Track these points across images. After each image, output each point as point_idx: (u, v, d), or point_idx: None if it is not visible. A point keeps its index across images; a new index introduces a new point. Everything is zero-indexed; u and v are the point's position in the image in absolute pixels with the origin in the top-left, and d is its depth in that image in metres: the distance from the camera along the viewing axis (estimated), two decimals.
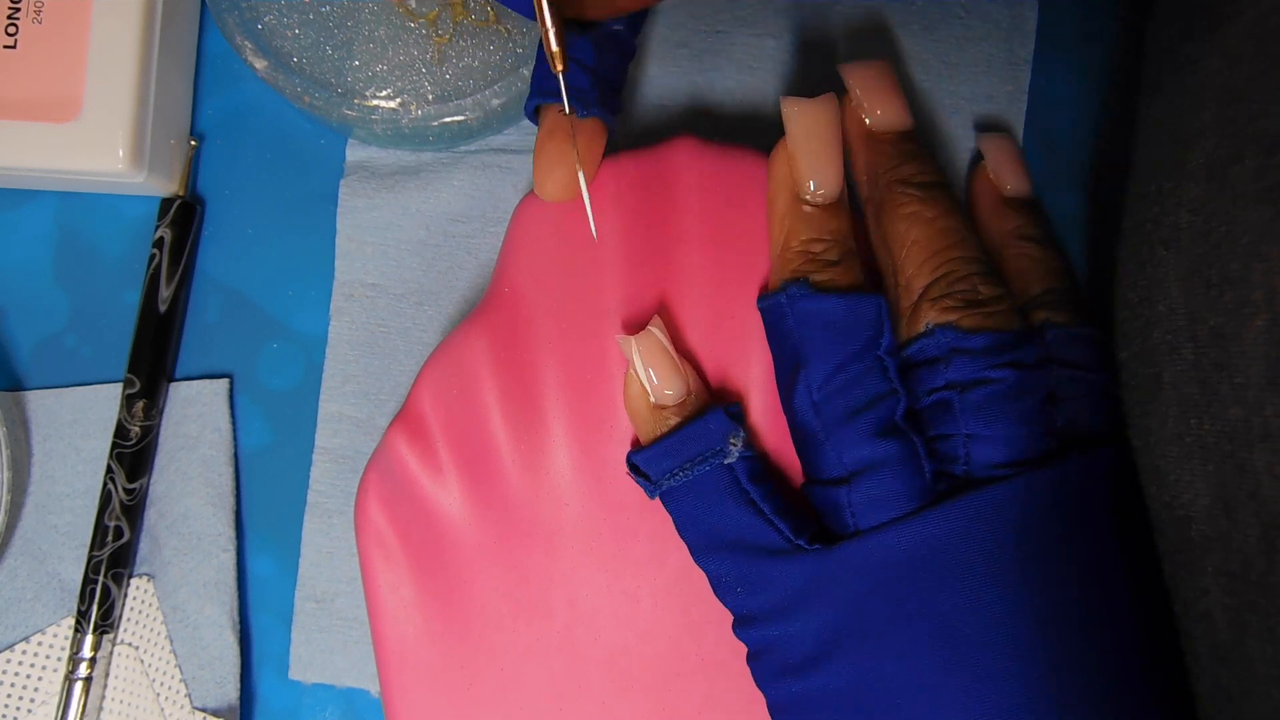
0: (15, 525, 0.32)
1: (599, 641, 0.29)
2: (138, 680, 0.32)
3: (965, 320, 0.26)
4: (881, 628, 0.25)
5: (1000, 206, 0.30)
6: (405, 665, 0.29)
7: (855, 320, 0.26)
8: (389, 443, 0.29)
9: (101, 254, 0.34)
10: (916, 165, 0.28)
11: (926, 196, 0.27)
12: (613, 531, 0.28)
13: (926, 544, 0.24)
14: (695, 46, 0.34)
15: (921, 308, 0.26)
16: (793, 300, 0.26)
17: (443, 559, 0.29)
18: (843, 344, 0.26)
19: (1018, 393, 0.25)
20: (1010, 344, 0.26)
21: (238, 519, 0.33)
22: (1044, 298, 0.28)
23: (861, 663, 0.25)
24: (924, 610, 0.24)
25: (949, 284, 0.26)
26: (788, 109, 0.28)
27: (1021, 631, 0.24)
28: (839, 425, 0.25)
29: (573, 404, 0.28)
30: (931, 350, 0.26)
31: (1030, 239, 0.29)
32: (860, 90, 0.29)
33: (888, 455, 0.25)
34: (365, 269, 0.33)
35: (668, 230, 0.29)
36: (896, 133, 0.29)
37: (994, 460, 0.25)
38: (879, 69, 0.29)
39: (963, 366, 0.25)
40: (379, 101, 0.32)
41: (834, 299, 0.26)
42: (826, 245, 0.27)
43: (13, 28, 0.31)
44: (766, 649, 0.26)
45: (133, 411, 0.32)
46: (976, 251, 0.27)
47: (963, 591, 0.24)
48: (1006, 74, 0.33)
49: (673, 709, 0.29)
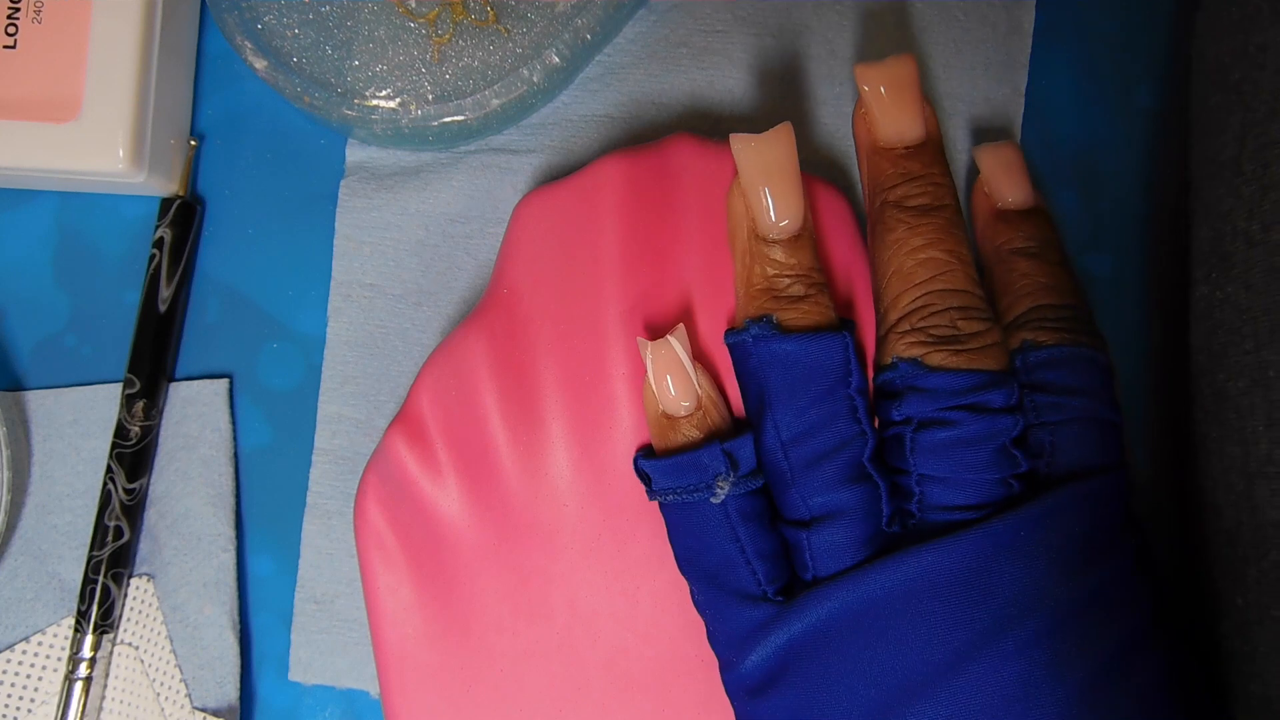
0: (15, 525, 0.32)
1: (598, 642, 0.29)
2: (138, 680, 0.32)
3: (931, 357, 0.25)
4: (820, 678, 0.25)
5: (994, 220, 0.29)
6: (405, 666, 0.29)
7: (820, 362, 0.25)
8: (388, 444, 0.29)
9: (101, 254, 0.34)
10: (914, 186, 0.26)
11: (917, 223, 0.26)
12: (612, 532, 0.28)
13: (865, 600, 0.24)
14: (695, 46, 0.34)
15: (889, 339, 0.26)
16: (756, 341, 0.26)
17: (442, 560, 0.29)
18: (809, 385, 0.25)
19: (973, 439, 0.25)
20: (977, 385, 0.25)
21: (238, 519, 0.33)
22: (1028, 316, 0.27)
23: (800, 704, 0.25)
24: (858, 662, 0.24)
25: (921, 318, 0.25)
26: (736, 147, 0.26)
27: (947, 693, 0.24)
28: (805, 469, 0.25)
29: (572, 405, 0.28)
30: (894, 384, 0.25)
31: (1022, 253, 0.28)
32: (870, 94, 0.27)
33: (849, 504, 0.25)
34: (363, 269, 0.33)
35: (667, 230, 0.29)
36: (903, 146, 0.27)
37: (945, 503, 0.25)
38: (895, 70, 0.27)
39: (917, 404, 0.25)
40: (379, 101, 0.32)
41: (797, 340, 0.25)
42: (791, 280, 0.26)
43: (13, 28, 0.31)
44: (727, 667, 0.26)
45: (133, 411, 0.32)
46: (963, 284, 0.25)
47: (897, 646, 0.24)
48: (1004, 75, 0.33)
49: (672, 709, 0.29)
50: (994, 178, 0.29)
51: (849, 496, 0.25)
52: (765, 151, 0.26)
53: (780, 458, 0.26)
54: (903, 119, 0.27)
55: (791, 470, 0.25)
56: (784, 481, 0.26)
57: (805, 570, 0.26)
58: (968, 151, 0.33)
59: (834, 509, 0.25)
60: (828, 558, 0.25)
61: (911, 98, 0.27)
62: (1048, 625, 0.24)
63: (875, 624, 0.24)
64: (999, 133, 0.33)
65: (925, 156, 0.27)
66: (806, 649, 0.25)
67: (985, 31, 0.33)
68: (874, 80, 0.27)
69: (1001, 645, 0.24)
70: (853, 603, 0.25)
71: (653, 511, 0.28)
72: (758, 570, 0.26)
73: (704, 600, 0.27)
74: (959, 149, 0.33)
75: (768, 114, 0.33)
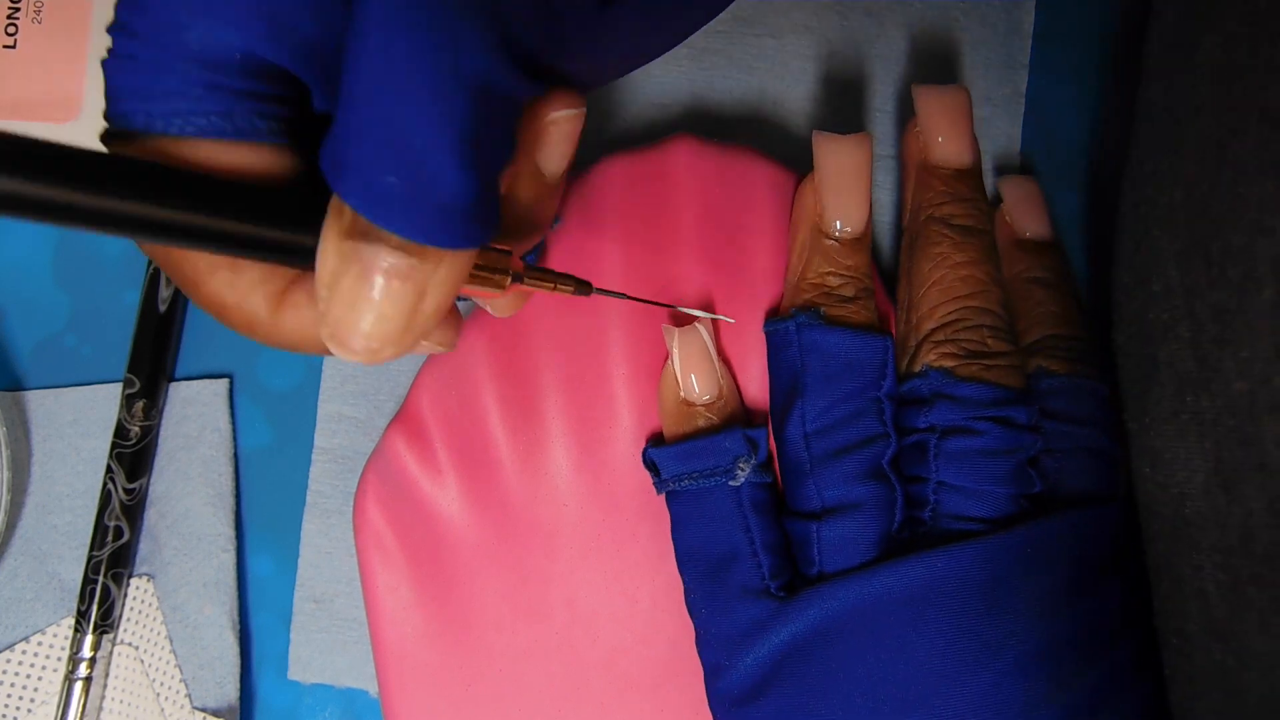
0: (15, 525, 0.32)
1: (597, 642, 0.29)
2: (138, 680, 0.32)
3: (962, 369, 0.26)
4: (815, 678, 0.25)
5: (1013, 248, 0.30)
6: (404, 665, 0.29)
7: (861, 358, 0.26)
8: (388, 443, 0.29)
9: (101, 254, 0.34)
10: (961, 207, 0.27)
11: (961, 240, 0.27)
12: (611, 532, 0.28)
13: (870, 600, 0.24)
14: (695, 46, 0.34)
15: (922, 349, 0.26)
16: (801, 328, 0.26)
17: (441, 559, 0.29)
18: (844, 380, 0.26)
19: (997, 450, 0.25)
20: (1002, 400, 0.25)
21: (238, 519, 0.33)
22: (1044, 343, 0.28)
23: (791, 707, 0.25)
24: (856, 665, 0.24)
25: (955, 330, 0.26)
26: (820, 144, 0.28)
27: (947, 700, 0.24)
28: (825, 461, 0.26)
29: (572, 405, 0.28)
30: (921, 391, 0.26)
31: (1038, 282, 0.29)
32: (927, 118, 0.28)
33: (865, 499, 0.25)
34: None
35: (667, 230, 0.29)
36: (953, 169, 0.28)
37: (960, 513, 0.25)
38: (954, 98, 0.28)
39: (945, 412, 0.25)
40: None
41: (843, 334, 0.26)
42: (843, 281, 0.27)
43: (13, 28, 0.31)
44: (716, 675, 0.26)
45: (133, 411, 0.32)
46: (995, 306, 0.27)
47: (898, 651, 0.24)
48: (1004, 76, 0.33)
49: (670, 709, 0.29)
50: (1017, 209, 0.30)
51: (865, 492, 0.25)
52: (846, 153, 0.27)
53: (802, 447, 0.26)
54: (960, 143, 0.28)
55: (812, 460, 0.26)
56: (801, 472, 0.26)
57: (810, 566, 0.26)
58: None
59: (848, 502, 0.25)
60: (835, 553, 0.25)
61: (967, 126, 0.28)
62: (1049, 643, 0.24)
63: (879, 626, 0.24)
64: (999, 134, 0.33)
65: (972, 181, 0.28)
66: (806, 647, 0.25)
67: (985, 32, 0.33)
68: (934, 103, 0.28)
69: (1003, 660, 0.24)
70: (859, 601, 0.24)
71: (652, 512, 0.28)
72: (764, 563, 0.26)
73: (702, 597, 0.26)
74: None
75: (768, 114, 0.33)
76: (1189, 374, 0.21)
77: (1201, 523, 0.21)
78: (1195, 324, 0.21)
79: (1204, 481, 0.21)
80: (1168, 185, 0.22)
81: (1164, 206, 0.22)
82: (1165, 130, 0.23)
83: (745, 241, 0.29)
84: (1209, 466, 0.21)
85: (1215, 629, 0.21)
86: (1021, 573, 0.24)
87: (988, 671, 0.24)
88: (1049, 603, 0.24)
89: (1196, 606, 0.22)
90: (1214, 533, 0.21)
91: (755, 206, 0.29)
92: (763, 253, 0.29)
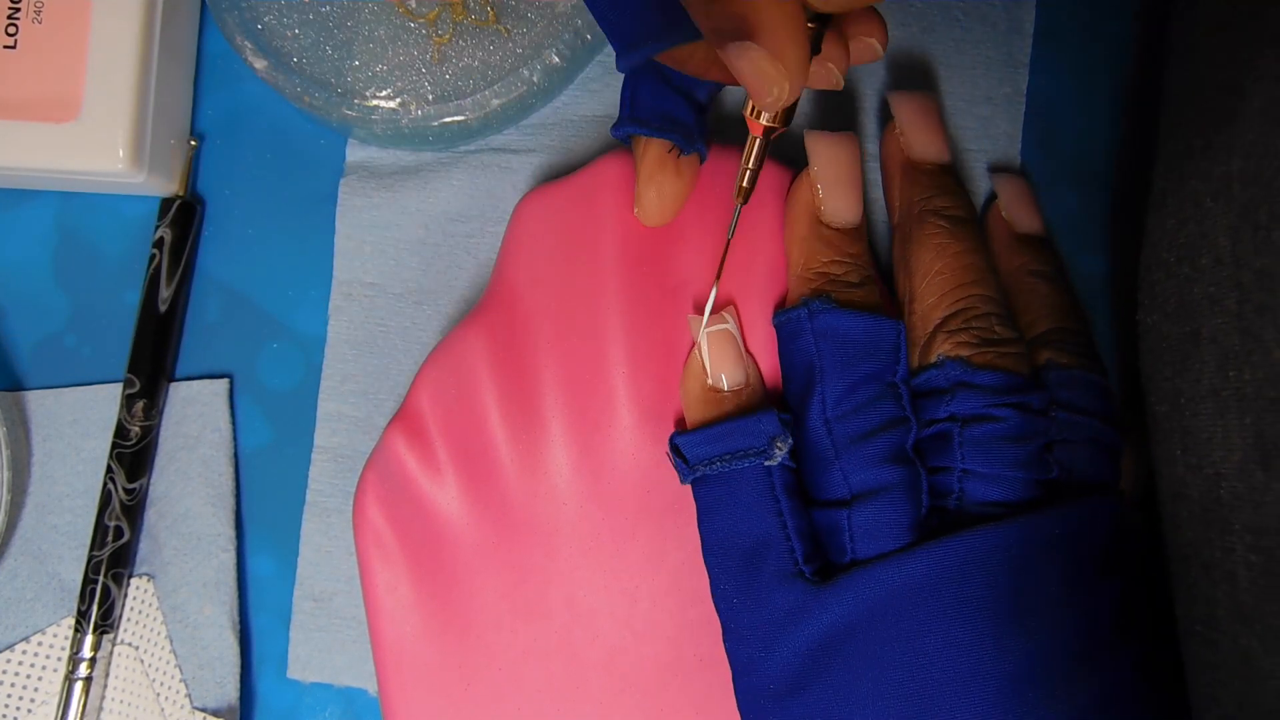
0: (15, 525, 0.32)
1: (597, 641, 0.29)
2: (138, 680, 0.32)
3: (978, 357, 0.26)
4: (860, 666, 0.25)
5: (1012, 243, 0.30)
6: (403, 664, 0.29)
7: (876, 340, 0.26)
8: (387, 442, 0.29)
9: (101, 254, 0.34)
10: (950, 199, 0.28)
11: (955, 230, 0.28)
12: (611, 531, 0.28)
13: (912, 583, 0.24)
14: None
15: (936, 339, 0.26)
16: (814, 314, 0.26)
17: (441, 558, 0.29)
18: (861, 363, 0.26)
19: (1018, 435, 0.25)
20: (1018, 387, 0.26)
21: (238, 519, 0.33)
22: (1050, 336, 0.28)
23: (836, 698, 0.25)
24: (902, 651, 0.24)
25: (966, 319, 0.26)
26: (812, 142, 0.28)
27: (993, 681, 0.24)
28: (849, 446, 0.26)
29: (571, 404, 0.28)
30: (938, 381, 0.26)
31: (1040, 276, 0.29)
32: (905, 120, 0.30)
33: (893, 482, 0.25)
34: (364, 268, 0.33)
35: (666, 229, 0.29)
36: (935, 164, 0.29)
37: (986, 499, 0.25)
38: (924, 101, 0.30)
39: (967, 401, 0.26)
40: (379, 101, 0.32)
41: (857, 316, 0.26)
42: (848, 268, 0.27)
43: (13, 28, 0.31)
44: (749, 670, 0.26)
45: (133, 411, 0.32)
46: (995, 293, 0.27)
47: (943, 634, 0.24)
48: (1005, 75, 0.33)
49: (670, 709, 0.29)
50: (1014, 205, 0.31)
51: (892, 474, 0.25)
52: (839, 148, 0.28)
53: (824, 434, 0.26)
54: (936, 141, 0.30)
55: (835, 446, 0.26)
56: (825, 459, 0.26)
57: (842, 554, 0.26)
58: (966, 152, 0.33)
59: (877, 485, 0.25)
60: (868, 538, 0.25)
61: (939, 124, 0.30)
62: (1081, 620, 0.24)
63: (923, 609, 0.24)
64: (999, 133, 0.33)
65: (954, 175, 0.30)
66: (849, 634, 0.25)
67: (985, 31, 0.33)
68: (909, 107, 0.30)
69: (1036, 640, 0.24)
70: (903, 584, 0.24)
71: (651, 511, 0.28)
72: (797, 548, 0.26)
73: (734, 587, 0.26)
74: (959, 149, 0.33)
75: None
76: (1232, 348, 0.21)
77: (1236, 503, 0.21)
78: (1242, 294, 0.21)
79: (1241, 459, 0.21)
80: (1222, 157, 0.22)
81: (1217, 178, 0.22)
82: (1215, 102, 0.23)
83: (744, 240, 0.29)
84: (1248, 443, 0.21)
85: (1242, 613, 0.21)
86: (1059, 547, 0.25)
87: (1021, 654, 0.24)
88: (1079, 581, 0.25)
89: (1224, 591, 0.21)
90: (1248, 513, 0.21)
91: (754, 206, 0.29)
92: (761, 252, 0.29)
